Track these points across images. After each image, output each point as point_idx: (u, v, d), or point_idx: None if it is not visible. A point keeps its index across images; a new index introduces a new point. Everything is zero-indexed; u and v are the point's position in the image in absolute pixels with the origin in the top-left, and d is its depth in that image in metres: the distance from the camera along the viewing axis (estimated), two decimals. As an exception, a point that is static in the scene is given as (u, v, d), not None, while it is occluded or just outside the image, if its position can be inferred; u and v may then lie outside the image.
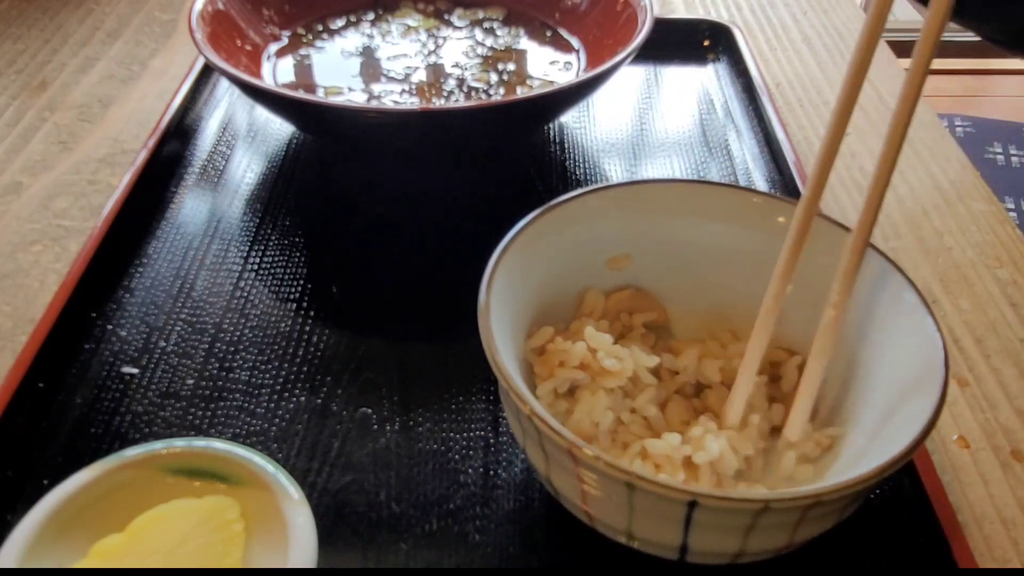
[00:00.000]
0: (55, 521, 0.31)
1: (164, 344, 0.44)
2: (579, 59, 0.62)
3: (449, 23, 0.65)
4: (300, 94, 0.53)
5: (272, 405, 0.41)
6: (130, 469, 0.33)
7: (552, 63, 0.61)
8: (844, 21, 0.79)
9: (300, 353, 0.43)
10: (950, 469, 0.39)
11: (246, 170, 0.57)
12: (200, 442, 0.34)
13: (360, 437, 0.39)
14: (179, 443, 0.34)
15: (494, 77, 0.59)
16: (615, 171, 0.58)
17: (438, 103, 0.56)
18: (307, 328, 0.45)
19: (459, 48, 0.62)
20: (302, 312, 0.46)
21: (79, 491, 0.32)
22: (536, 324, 0.38)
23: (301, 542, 0.31)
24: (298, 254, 0.50)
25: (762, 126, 0.60)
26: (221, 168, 0.57)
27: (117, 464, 0.33)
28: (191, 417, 0.40)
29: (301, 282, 0.48)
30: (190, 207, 0.53)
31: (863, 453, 0.32)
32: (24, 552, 0.30)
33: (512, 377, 0.30)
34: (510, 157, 0.59)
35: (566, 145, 0.60)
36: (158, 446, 0.33)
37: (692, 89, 0.67)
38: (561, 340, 0.36)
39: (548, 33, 0.64)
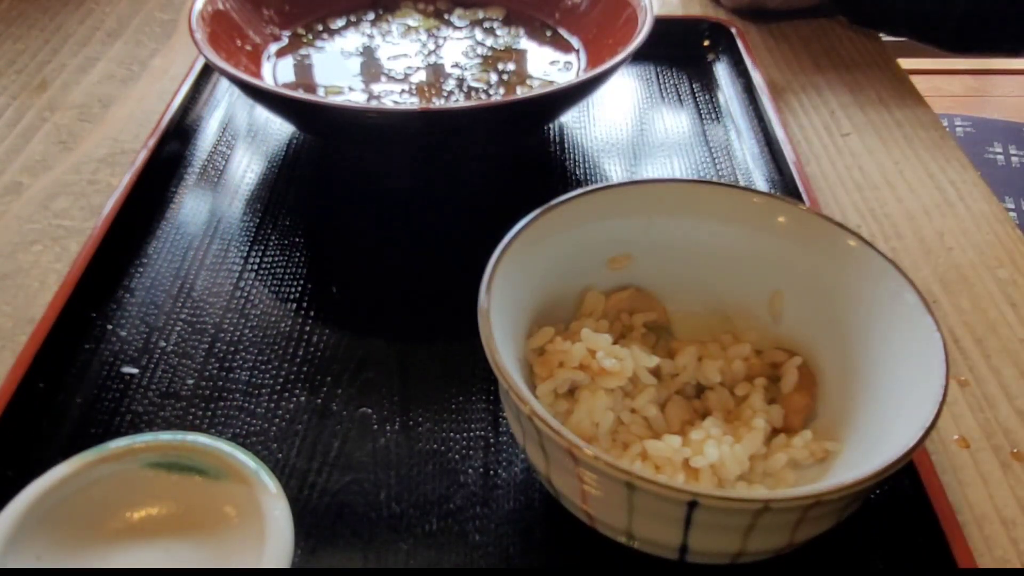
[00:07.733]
0: (32, 515, 0.31)
1: (164, 344, 0.44)
2: (579, 59, 0.61)
3: (449, 23, 0.65)
4: (300, 94, 0.53)
5: (272, 405, 0.41)
6: (109, 463, 0.33)
7: (552, 63, 0.61)
8: (843, 21, 0.79)
9: (300, 353, 0.43)
10: (950, 469, 0.39)
11: (246, 170, 0.57)
12: (189, 436, 0.34)
13: (360, 437, 0.39)
14: (165, 436, 0.34)
15: (494, 77, 0.59)
16: (615, 171, 0.58)
17: (438, 103, 0.56)
18: (307, 328, 0.45)
19: (459, 48, 0.62)
20: (302, 312, 0.46)
21: (57, 485, 0.32)
22: (536, 324, 0.38)
23: (277, 534, 0.31)
24: (298, 254, 0.50)
25: (762, 126, 0.60)
26: (221, 168, 0.57)
27: (96, 457, 0.33)
28: (191, 417, 0.40)
29: (301, 282, 0.48)
30: (190, 207, 0.53)
31: (863, 453, 0.32)
32: (1, 546, 0.30)
33: (512, 377, 0.30)
34: (510, 157, 0.59)
35: (566, 145, 0.60)
36: (142, 438, 0.34)
37: (692, 89, 0.67)
38: (561, 340, 0.36)
39: (548, 33, 0.64)
